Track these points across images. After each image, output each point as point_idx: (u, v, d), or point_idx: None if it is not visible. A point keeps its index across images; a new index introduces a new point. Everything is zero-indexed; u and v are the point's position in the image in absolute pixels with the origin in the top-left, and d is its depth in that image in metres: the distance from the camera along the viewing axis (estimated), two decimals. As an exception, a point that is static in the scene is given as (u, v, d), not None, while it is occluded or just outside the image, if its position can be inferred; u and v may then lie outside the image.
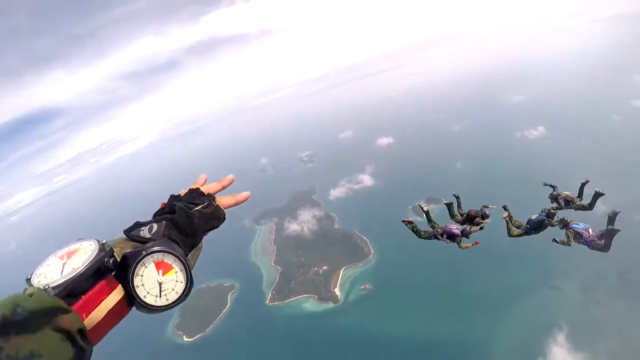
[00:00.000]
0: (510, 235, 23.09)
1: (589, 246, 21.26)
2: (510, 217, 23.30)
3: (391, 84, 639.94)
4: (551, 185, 26.01)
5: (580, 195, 24.49)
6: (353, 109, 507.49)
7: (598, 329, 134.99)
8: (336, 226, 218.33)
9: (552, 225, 22.03)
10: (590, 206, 23.49)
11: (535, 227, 22.47)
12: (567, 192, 25.02)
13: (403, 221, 23.96)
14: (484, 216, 22.92)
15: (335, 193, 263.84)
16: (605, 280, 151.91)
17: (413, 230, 23.93)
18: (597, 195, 23.06)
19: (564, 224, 21.75)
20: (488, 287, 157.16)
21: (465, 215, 23.95)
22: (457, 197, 25.36)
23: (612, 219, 20.80)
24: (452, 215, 24.81)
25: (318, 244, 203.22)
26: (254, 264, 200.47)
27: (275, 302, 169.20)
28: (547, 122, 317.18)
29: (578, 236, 21.15)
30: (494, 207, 23.93)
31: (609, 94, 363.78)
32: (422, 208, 24.97)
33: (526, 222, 22.98)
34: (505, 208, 23.76)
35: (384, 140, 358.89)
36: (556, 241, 21.69)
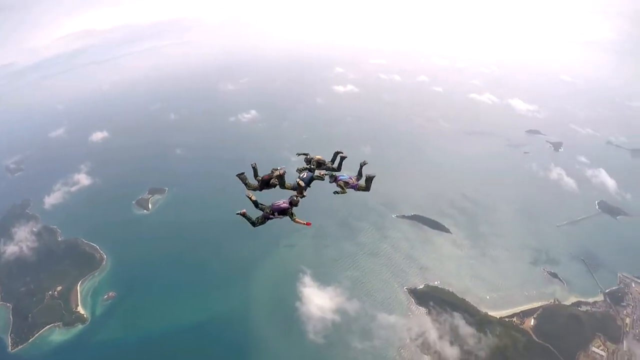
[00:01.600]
0: (301, 196, 27.16)
1: (355, 189, 28.96)
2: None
3: (103, 76, 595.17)
4: (304, 153, 30.91)
5: (333, 160, 30.75)
6: (64, 105, 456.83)
7: (335, 266, 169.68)
8: (60, 238, 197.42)
9: (321, 178, 28.69)
10: (338, 168, 30.67)
11: (308, 182, 28.08)
12: (319, 156, 30.83)
13: (237, 214, 25.89)
14: (280, 178, 27.20)
15: (51, 200, 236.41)
16: (329, 229, 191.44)
17: (249, 221, 26.22)
18: (342, 158, 30.53)
19: (334, 179, 28.86)
20: (232, 260, 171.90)
21: (260, 181, 27.73)
22: (254, 168, 28.74)
23: (362, 166, 29.38)
24: (247, 186, 27.81)
25: (44, 263, 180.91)
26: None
27: (19, 347, 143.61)
28: (259, 107, 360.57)
29: (346, 184, 28.54)
30: (283, 167, 27.81)
31: (315, 83, 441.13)
32: (249, 198, 26.61)
33: (297, 183, 27.74)
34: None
35: (99, 135, 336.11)
36: (337, 192, 28.58)
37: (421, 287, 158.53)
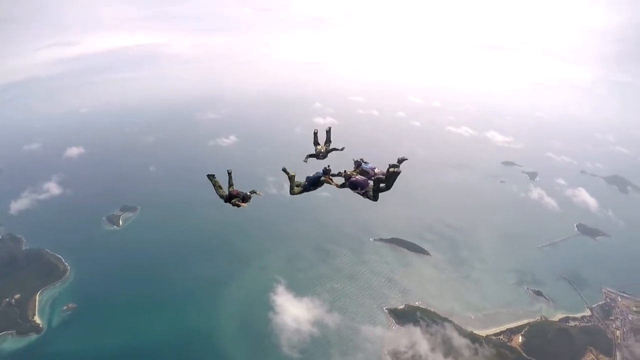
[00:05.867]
0: (292, 193, 25.09)
1: (372, 179, 24.63)
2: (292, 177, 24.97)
3: (81, 101, 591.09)
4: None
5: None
6: (42, 122, 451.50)
7: (312, 286, 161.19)
8: (24, 247, 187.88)
9: (329, 182, 24.92)
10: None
11: (313, 183, 24.98)
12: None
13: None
14: (245, 199, 24.43)
15: (18, 206, 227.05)
16: (304, 253, 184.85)
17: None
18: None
19: (358, 165, 25.45)
20: (199, 279, 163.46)
21: (228, 194, 24.98)
22: (229, 173, 26.23)
23: (400, 161, 24.00)
24: (219, 187, 25.48)
25: (5, 270, 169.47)
26: None
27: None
28: (239, 133, 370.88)
29: (364, 173, 24.66)
30: (260, 193, 25.75)
31: (294, 115, 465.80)
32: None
33: (305, 179, 25.23)
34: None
35: (75, 151, 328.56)
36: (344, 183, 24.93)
37: (402, 307, 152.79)
